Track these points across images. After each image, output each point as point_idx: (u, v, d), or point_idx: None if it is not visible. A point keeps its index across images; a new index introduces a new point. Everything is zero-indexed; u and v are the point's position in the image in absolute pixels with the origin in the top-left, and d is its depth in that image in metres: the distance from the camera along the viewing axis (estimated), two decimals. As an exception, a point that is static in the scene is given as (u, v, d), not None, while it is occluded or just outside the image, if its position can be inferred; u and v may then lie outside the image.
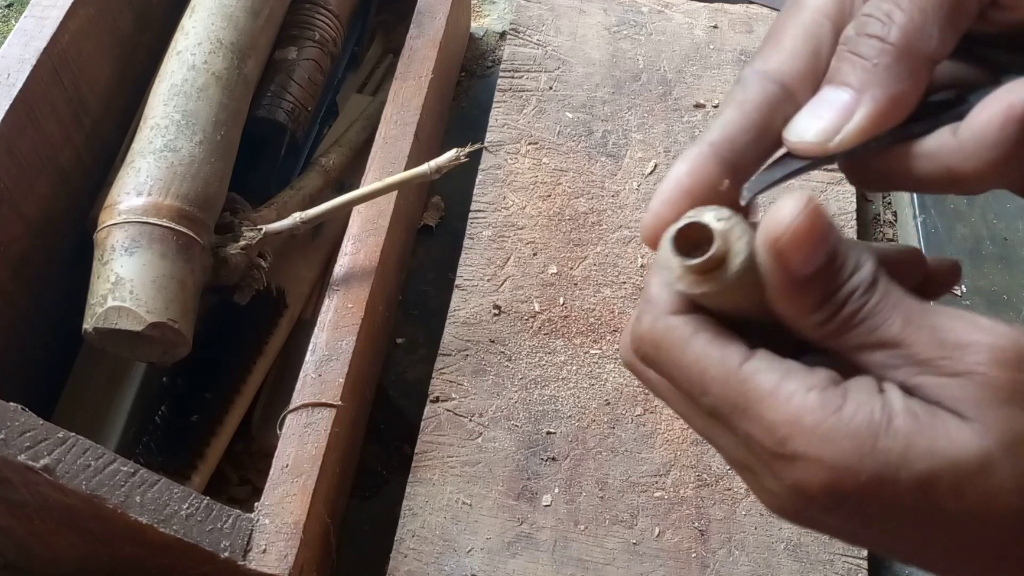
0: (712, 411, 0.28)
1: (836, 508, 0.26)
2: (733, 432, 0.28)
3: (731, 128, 0.30)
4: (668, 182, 0.29)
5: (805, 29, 0.30)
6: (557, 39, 0.87)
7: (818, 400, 0.26)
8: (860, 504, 0.26)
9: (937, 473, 0.25)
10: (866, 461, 0.25)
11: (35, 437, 0.49)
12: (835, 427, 0.25)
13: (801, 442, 0.25)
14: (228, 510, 0.52)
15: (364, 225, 0.66)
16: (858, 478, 0.25)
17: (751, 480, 0.29)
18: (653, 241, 0.29)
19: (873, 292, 0.26)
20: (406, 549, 0.61)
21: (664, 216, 0.28)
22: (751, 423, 0.27)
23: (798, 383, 0.26)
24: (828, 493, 0.25)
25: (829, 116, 0.28)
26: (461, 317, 0.71)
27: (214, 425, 0.68)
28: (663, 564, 0.61)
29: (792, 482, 0.26)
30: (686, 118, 0.82)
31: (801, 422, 0.25)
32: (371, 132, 0.75)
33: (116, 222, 0.61)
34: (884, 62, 0.28)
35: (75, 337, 0.63)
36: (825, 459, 0.25)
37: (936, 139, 0.28)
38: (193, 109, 0.66)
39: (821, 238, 0.26)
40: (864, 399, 0.26)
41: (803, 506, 0.27)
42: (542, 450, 0.65)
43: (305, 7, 0.80)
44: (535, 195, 0.77)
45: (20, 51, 0.64)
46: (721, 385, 0.27)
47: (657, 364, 0.29)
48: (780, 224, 0.26)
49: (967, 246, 0.77)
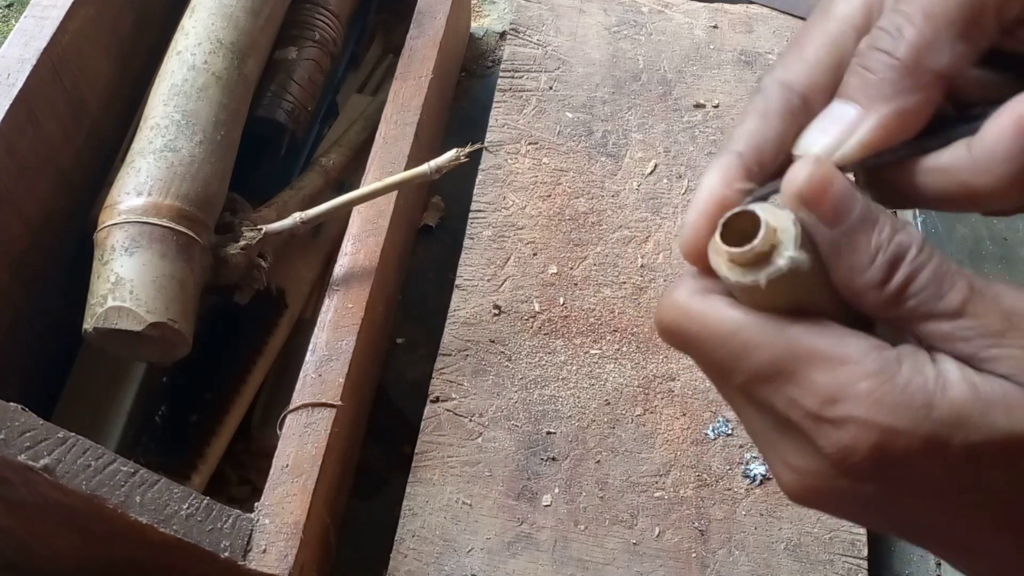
0: (749, 380, 0.27)
1: (878, 474, 0.26)
2: (768, 400, 0.27)
3: (756, 138, 0.29)
4: (701, 194, 0.29)
5: (830, 39, 0.30)
6: (557, 39, 0.87)
7: (874, 365, 0.25)
8: (906, 470, 0.25)
9: (991, 444, 0.24)
10: (920, 427, 0.25)
11: (35, 437, 0.49)
12: (890, 392, 0.25)
13: (853, 405, 0.25)
14: (228, 510, 0.52)
15: (364, 225, 0.66)
16: (910, 441, 0.25)
17: (776, 456, 0.28)
18: (695, 256, 0.28)
19: (930, 252, 0.26)
20: (406, 549, 0.61)
21: (702, 228, 0.28)
22: (797, 387, 0.26)
23: (851, 347, 0.26)
24: (875, 457, 0.25)
25: (834, 131, 0.28)
26: (461, 317, 0.71)
27: (214, 425, 0.68)
28: (663, 564, 0.61)
29: (835, 448, 0.26)
30: (686, 118, 0.82)
31: (855, 386, 0.25)
32: (371, 132, 0.75)
33: (116, 222, 0.61)
34: (890, 77, 0.27)
35: (75, 337, 0.63)
36: (878, 422, 0.25)
37: (950, 153, 0.28)
38: (193, 109, 0.66)
39: (842, 186, 0.26)
40: (919, 366, 0.25)
41: (835, 476, 0.26)
42: (542, 450, 0.65)
43: (305, 7, 0.80)
44: (535, 195, 0.77)
45: (20, 51, 0.64)
46: (767, 348, 0.26)
47: (687, 335, 0.28)
48: (798, 179, 0.26)
49: (967, 246, 0.77)
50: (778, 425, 0.28)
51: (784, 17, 0.90)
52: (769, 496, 0.63)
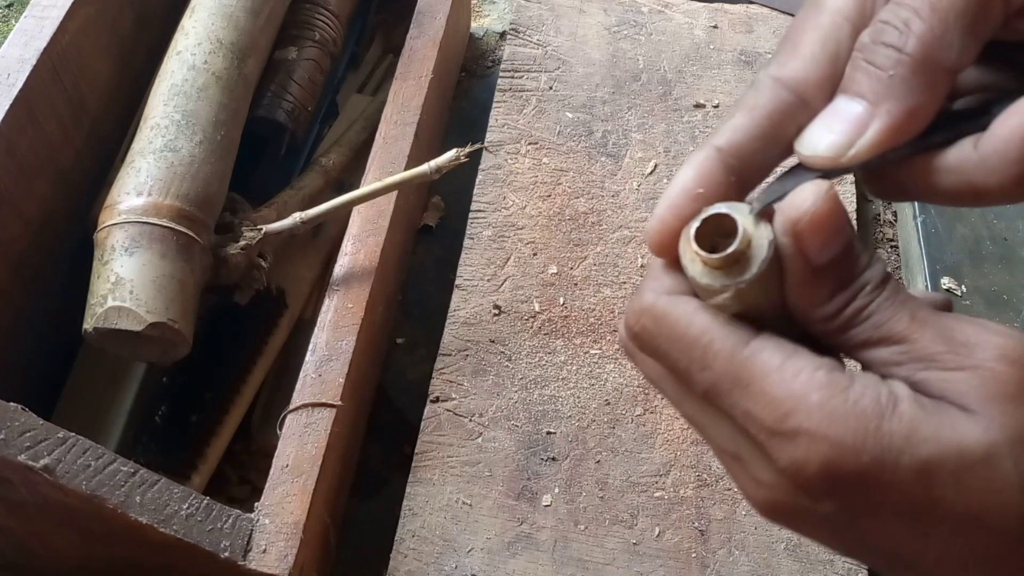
0: (710, 389, 0.27)
1: (831, 492, 0.25)
2: (729, 412, 0.27)
3: (739, 134, 0.29)
4: (674, 187, 0.28)
5: (824, 32, 0.29)
6: (557, 39, 0.87)
7: (826, 379, 0.25)
8: (857, 488, 0.25)
9: (940, 461, 0.24)
10: (869, 441, 0.25)
11: (35, 437, 0.49)
12: (841, 406, 0.25)
13: (804, 418, 0.25)
14: (228, 510, 0.52)
15: (364, 225, 0.66)
16: (859, 459, 0.25)
17: (739, 471, 0.28)
18: (659, 247, 0.28)
19: (884, 288, 0.26)
20: (406, 549, 0.61)
21: (670, 222, 0.28)
22: (752, 399, 0.26)
23: (806, 362, 0.26)
24: (826, 473, 0.25)
25: (842, 129, 0.27)
26: (461, 317, 0.71)
27: (214, 425, 0.68)
28: (663, 564, 0.61)
29: (788, 462, 0.25)
30: (686, 118, 0.82)
31: (807, 399, 0.25)
32: (371, 132, 0.75)
33: (116, 222, 0.61)
34: (900, 74, 0.27)
35: (75, 337, 0.63)
36: (828, 435, 0.25)
37: (957, 153, 0.27)
38: (193, 109, 0.66)
39: (839, 226, 0.26)
40: (871, 383, 0.26)
41: (794, 492, 0.26)
42: (542, 450, 0.65)
43: (305, 7, 0.80)
44: (535, 195, 0.77)
45: (20, 51, 0.64)
46: (725, 359, 0.27)
47: (655, 339, 0.28)
48: (800, 208, 0.26)
49: (967, 246, 0.77)
50: (740, 437, 0.27)
51: (784, 17, 0.90)
52: (769, 496, 0.63)
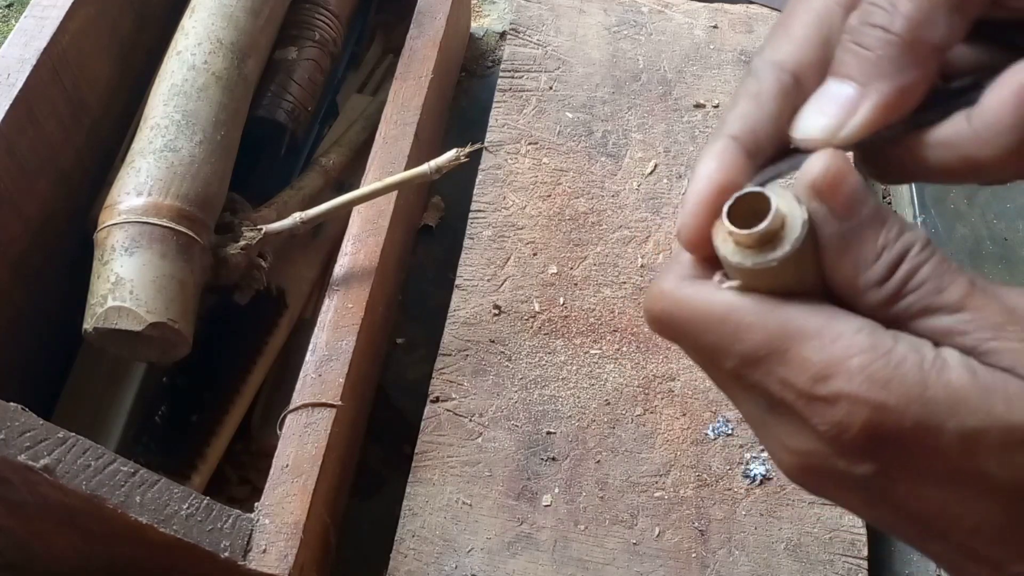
0: (745, 360, 0.26)
1: (872, 454, 0.25)
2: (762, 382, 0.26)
3: (750, 121, 0.29)
4: (699, 180, 0.28)
5: (816, 16, 0.29)
6: (557, 39, 0.87)
7: (867, 342, 0.25)
8: (898, 451, 0.25)
9: (988, 432, 0.24)
10: (913, 406, 0.24)
11: (35, 437, 0.49)
12: (883, 368, 0.24)
13: (845, 381, 0.24)
14: (228, 510, 0.52)
15: (364, 225, 0.66)
16: (902, 421, 0.24)
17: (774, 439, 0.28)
18: (694, 244, 0.28)
19: (932, 250, 0.25)
20: (406, 549, 0.61)
21: (703, 217, 0.27)
22: (789, 366, 0.25)
23: (845, 325, 0.25)
24: (868, 434, 0.24)
25: (833, 111, 0.27)
26: (461, 317, 0.71)
27: (214, 425, 0.68)
28: (663, 564, 0.61)
29: (828, 426, 0.25)
30: (686, 118, 0.82)
31: (848, 362, 0.24)
32: (371, 132, 0.75)
33: (116, 222, 0.61)
34: (888, 53, 0.27)
35: (75, 337, 0.63)
36: (871, 399, 0.24)
37: (951, 127, 0.27)
38: (193, 109, 0.66)
39: (856, 181, 0.25)
40: (916, 346, 0.25)
41: (834, 454, 0.26)
42: (542, 450, 0.65)
43: (305, 7, 0.80)
44: (535, 195, 0.77)
45: (20, 51, 0.64)
46: (759, 329, 0.26)
47: (676, 321, 0.28)
48: (815, 170, 0.25)
49: (967, 246, 0.77)
50: (773, 407, 0.27)
51: (784, 17, 0.90)
52: (769, 496, 0.63)
